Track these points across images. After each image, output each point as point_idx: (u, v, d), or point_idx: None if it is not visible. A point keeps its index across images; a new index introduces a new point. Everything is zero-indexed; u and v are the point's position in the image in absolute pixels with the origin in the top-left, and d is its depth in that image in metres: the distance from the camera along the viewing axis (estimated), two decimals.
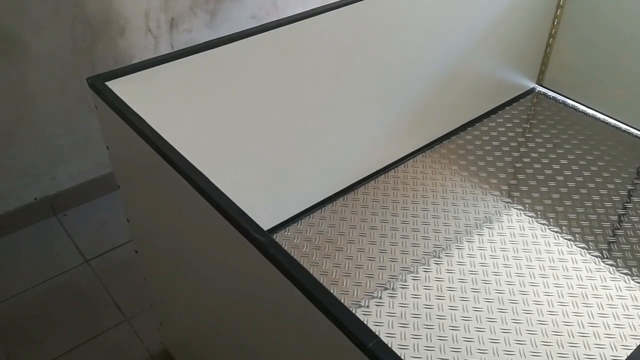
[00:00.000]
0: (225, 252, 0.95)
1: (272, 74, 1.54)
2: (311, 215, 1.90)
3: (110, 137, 1.20)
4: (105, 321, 1.67)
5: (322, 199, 1.94)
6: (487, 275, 1.70)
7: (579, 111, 2.42)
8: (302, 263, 1.71)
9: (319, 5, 1.59)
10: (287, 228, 1.85)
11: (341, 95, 1.76)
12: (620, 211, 1.93)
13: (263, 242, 0.81)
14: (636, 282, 1.68)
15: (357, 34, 1.69)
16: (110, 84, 1.17)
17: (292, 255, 0.73)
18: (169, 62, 1.31)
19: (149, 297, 1.52)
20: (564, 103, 2.47)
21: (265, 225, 1.82)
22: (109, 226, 2.00)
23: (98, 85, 1.13)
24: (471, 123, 2.33)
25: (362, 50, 1.73)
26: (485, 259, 1.75)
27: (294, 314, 0.83)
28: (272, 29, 1.48)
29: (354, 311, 1.59)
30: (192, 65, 1.36)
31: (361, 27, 1.68)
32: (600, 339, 1.53)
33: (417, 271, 1.71)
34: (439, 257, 1.76)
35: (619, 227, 1.87)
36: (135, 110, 1.05)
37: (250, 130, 1.58)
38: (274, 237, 1.79)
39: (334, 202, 1.95)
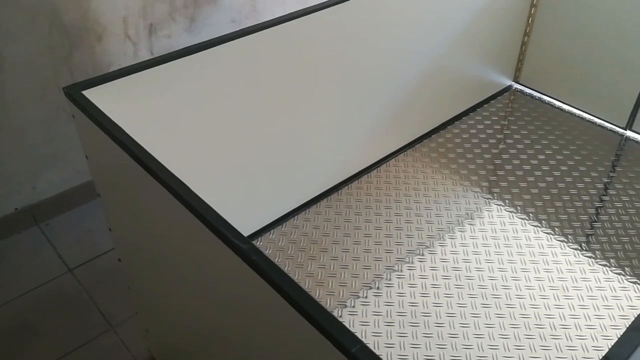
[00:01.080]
0: (207, 259, 0.95)
1: (251, 78, 1.55)
2: (296, 217, 1.91)
3: (89, 146, 1.19)
4: (91, 330, 1.67)
5: (306, 200, 1.95)
6: (470, 272, 1.73)
7: (555, 107, 2.47)
8: (287, 266, 1.73)
9: (298, 9, 1.61)
10: (272, 231, 1.85)
11: (322, 97, 1.77)
12: (598, 204, 1.97)
13: (244, 248, 0.82)
14: (614, 273, 1.72)
15: (336, 37, 1.70)
16: (88, 92, 1.16)
17: (277, 258, 0.75)
18: (147, 69, 1.31)
19: (134, 304, 1.52)
20: (540, 100, 2.51)
21: (250, 229, 1.83)
22: (92, 234, 1.99)
23: (74, 94, 1.13)
24: (451, 121, 2.36)
25: (341, 53, 1.75)
26: (467, 255, 1.78)
27: (277, 320, 0.84)
28: (251, 33, 1.49)
29: (340, 312, 1.60)
30: (171, 72, 1.36)
31: (339, 30, 1.70)
32: (581, 330, 1.57)
33: (401, 269, 1.73)
34: (422, 255, 1.78)
35: (596, 219, 1.91)
36: (114, 119, 1.05)
37: (231, 136, 1.58)
38: (259, 241, 1.81)
39: (318, 204, 1.96)
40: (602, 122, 2.36)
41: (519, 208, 1.96)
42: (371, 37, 1.81)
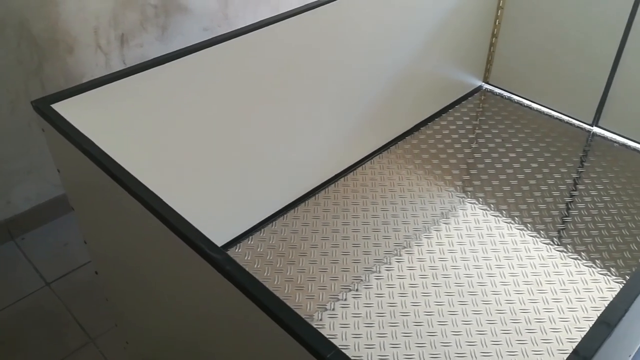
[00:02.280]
0: (182, 270, 0.96)
1: (224, 86, 1.56)
2: (274, 222, 1.92)
3: (60, 160, 1.19)
4: (71, 343, 1.65)
5: (283, 206, 1.96)
6: (447, 270, 1.76)
7: (524, 106, 2.53)
8: (266, 271, 1.74)
9: (270, 16, 1.62)
10: (250, 237, 1.86)
11: (295, 104, 1.79)
12: (568, 199, 2.03)
13: (218, 259, 0.83)
14: (585, 265, 1.77)
15: (308, 43, 1.72)
16: (58, 105, 1.16)
17: (256, 264, 0.76)
18: (118, 79, 1.31)
19: (112, 316, 1.51)
20: (509, 99, 2.57)
21: (229, 236, 1.83)
22: (69, 247, 1.97)
23: (43, 108, 1.12)
24: (424, 123, 2.40)
25: (314, 58, 1.77)
26: (444, 253, 1.81)
27: (253, 329, 0.85)
28: (224, 41, 1.50)
29: (320, 315, 1.62)
30: (143, 82, 1.36)
31: (312, 36, 1.72)
32: (555, 323, 1.61)
33: (379, 271, 1.76)
34: (400, 256, 1.81)
35: (567, 214, 1.96)
36: (85, 131, 1.05)
37: (205, 144, 1.59)
38: (238, 247, 1.82)
39: (296, 208, 1.98)
40: (570, 119, 2.43)
41: (492, 206, 2.00)
42: (344, 43, 1.83)
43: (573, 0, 2.20)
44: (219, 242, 1.81)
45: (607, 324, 0.85)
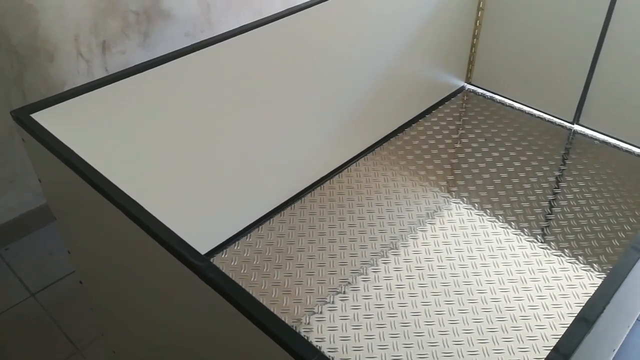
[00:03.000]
0: (166, 278, 0.96)
1: (207, 91, 1.56)
2: (260, 227, 1.92)
3: (41, 170, 1.18)
4: (57, 354, 1.64)
5: (269, 210, 1.96)
6: (433, 270, 1.77)
7: (506, 105, 2.56)
8: (253, 277, 1.74)
9: (252, 20, 1.63)
10: (237, 242, 1.86)
11: (279, 108, 1.80)
12: (550, 197, 2.06)
13: (201, 266, 0.83)
14: (568, 262, 1.80)
15: (291, 47, 1.73)
16: (38, 114, 1.15)
17: (242, 269, 0.76)
18: (99, 87, 1.30)
19: (98, 326, 1.50)
20: (492, 99, 2.60)
21: (215, 242, 1.83)
22: (54, 256, 1.96)
23: (23, 117, 1.12)
24: (408, 124, 2.41)
25: (297, 62, 1.77)
26: (429, 254, 1.83)
27: (238, 336, 0.85)
28: (206, 46, 1.50)
29: (308, 319, 1.62)
30: (124, 89, 1.35)
31: (294, 41, 1.73)
32: (540, 320, 1.63)
33: (366, 272, 1.76)
34: (386, 257, 1.82)
35: (550, 212, 1.99)
36: (65, 140, 1.05)
37: (188, 150, 1.59)
38: (224, 253, 1.82)
39: (282, 212, 1.98)
40: (551, 117, 2.46)
41: (476, 205, 2.02)
42: (326, 47, 1.84)
43: (552, 0, 2.23)
44: (205, 248, 1.81)
45: (586, 320, 0.87)
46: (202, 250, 1.79)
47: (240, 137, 1.72)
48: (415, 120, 2.44)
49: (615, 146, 2.30)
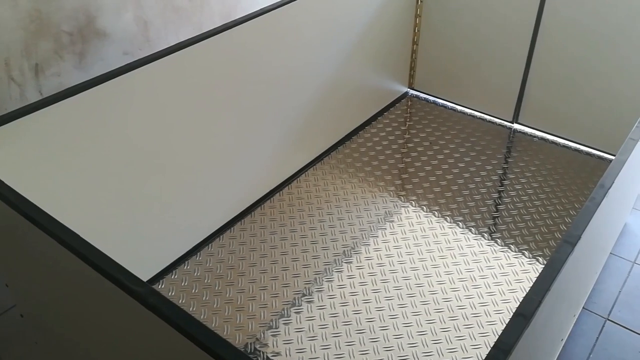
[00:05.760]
0: (107, 306, 0.93)
1: (146, 111, 1.53)
2: (210, 244, 1.89)
3: None
4: None
5: (218, 227, 1.94)
6: (385, 275, 1.79)
7: (449, 109, 2.62)
8: (205, 295, 1.71)
9: (192, 35, 1.61)
10: (187, 262, 1.83)
11: (219, 124, 1.78)
12: (495, 195, 2.12)
13: (140, 292, 0.81)
14: (514, 257, 1.85)
15: (231, 61, 1.72)
16: None
17: (193, 289, 0.74)
18: (31, 112, 1.26)
19: (44, 359, 1.44)
20: (434, 103, 2.66)
21: (164, 263, 1.79)
22: None
23: None
24: (355, 132, 2.44)
25: (238, 76, 1.77)
26: (381, 259, 1.85)
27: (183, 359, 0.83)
28: (145, 64, 1.48)
29: (262, 334, 1.61)
30: (59, 112, 1.31)
31: (235, 55, 1.72)
32: (491, 316, 1.67)
33: (320, 282, 1.76)
34: (339, 265, 1.82)
35: (495, 209, 2.05)
36: None
37: (128, 174, 1.54)
38: (174, 274, 1.78)
39: (232, 228, 1.96)
40: (492, 118, 2.54)
41: (424, 207, 2.06)
42: (267, 59, 1.84)
43: (484, 3, 2.31)
44: (153, 271, 1.76)
45: (523, 315, 0.90)
46: (151, 272, 1.75)
47: (184, 154, 1.69)
48: (361, 127, 2.47)
49: (553, 142, 2.40)
